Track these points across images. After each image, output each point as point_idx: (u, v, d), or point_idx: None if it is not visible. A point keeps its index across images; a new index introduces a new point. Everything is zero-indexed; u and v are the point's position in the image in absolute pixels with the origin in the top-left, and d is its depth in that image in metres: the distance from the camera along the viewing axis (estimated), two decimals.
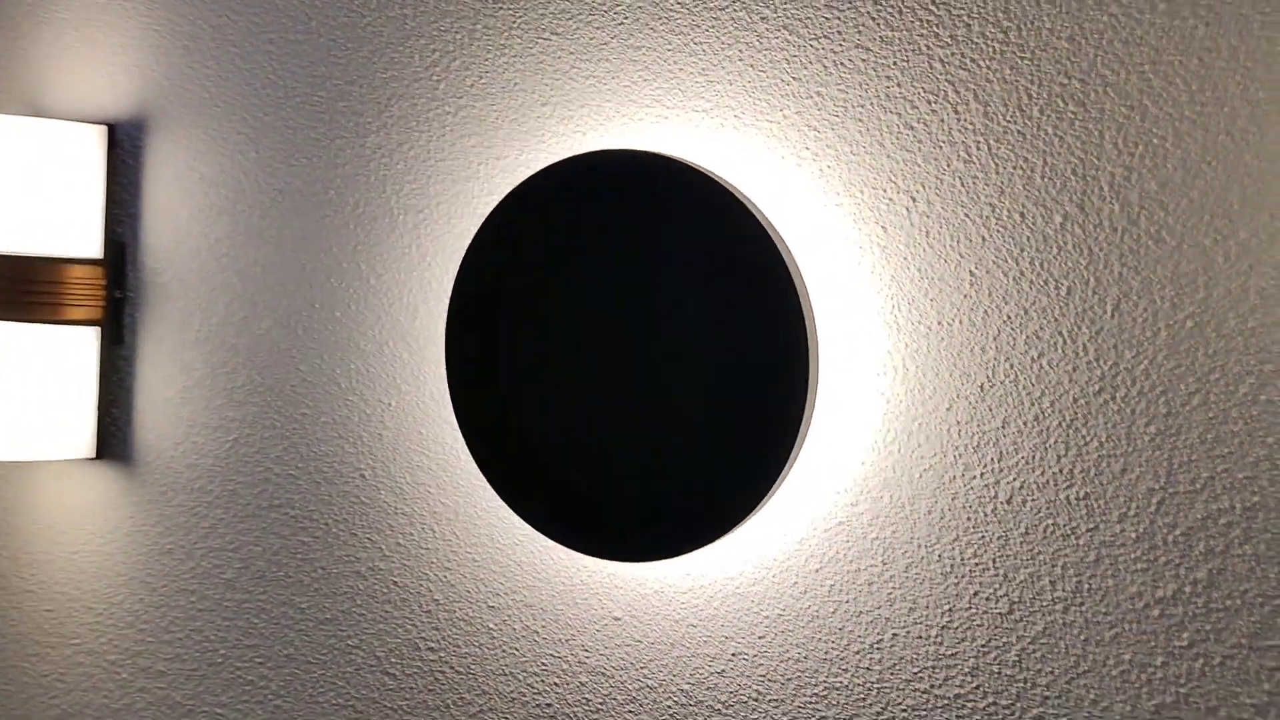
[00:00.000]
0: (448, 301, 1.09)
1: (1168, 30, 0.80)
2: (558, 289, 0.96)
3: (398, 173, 1.13)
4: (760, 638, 0.95)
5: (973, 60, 0.86)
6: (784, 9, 0.93)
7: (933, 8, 0.88)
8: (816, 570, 0.93)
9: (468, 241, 1.09)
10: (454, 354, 1.01)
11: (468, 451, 1.09)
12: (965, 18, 0.86)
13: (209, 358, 1.25)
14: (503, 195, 1.06)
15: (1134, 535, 0.82)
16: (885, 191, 0.90)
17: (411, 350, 1.12)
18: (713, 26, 0.96)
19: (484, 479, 1.08)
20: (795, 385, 0.87)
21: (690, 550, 0.91)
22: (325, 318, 1.18)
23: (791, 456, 0.88)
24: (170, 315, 1.28)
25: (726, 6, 0.95)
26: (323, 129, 1.17)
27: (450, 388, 1.01)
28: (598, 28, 1.02)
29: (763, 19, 0.94)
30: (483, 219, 1.07)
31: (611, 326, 0.94)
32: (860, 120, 0.90)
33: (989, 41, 0.86)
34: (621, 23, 1.00)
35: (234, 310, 1.24)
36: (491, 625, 1.08)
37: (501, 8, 1.07)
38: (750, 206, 0.89)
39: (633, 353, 0.93)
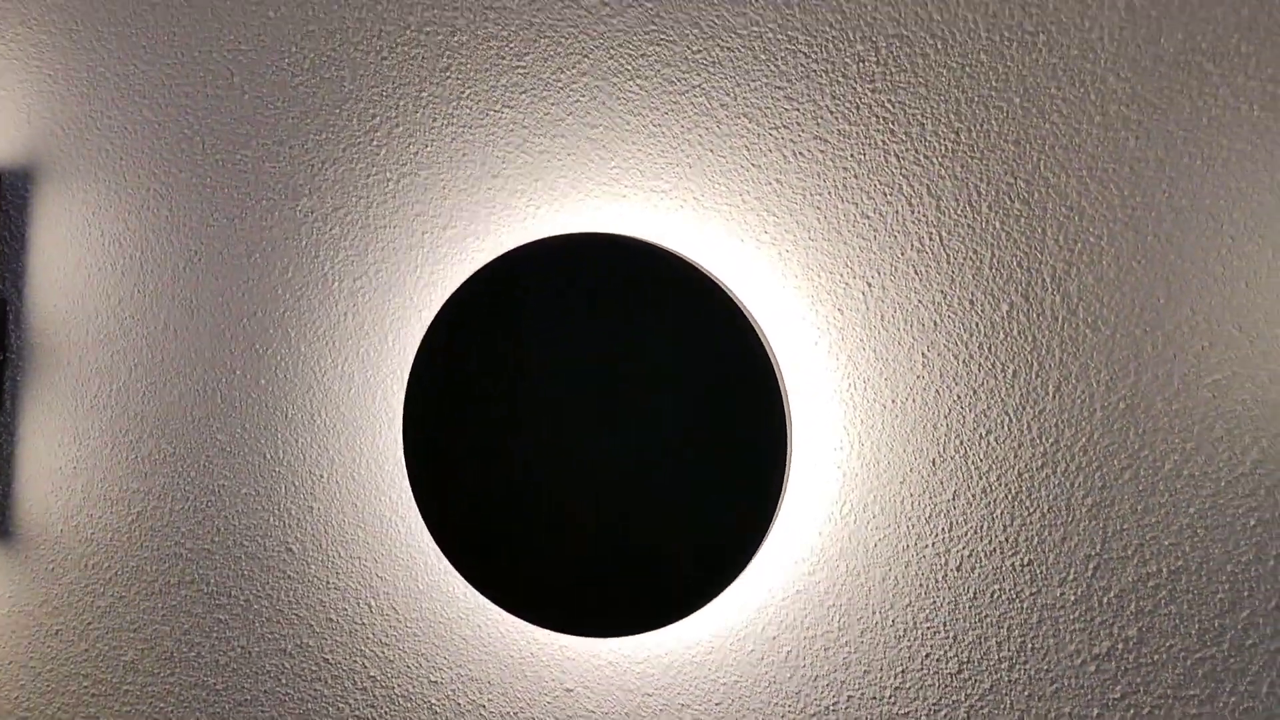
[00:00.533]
0: (391, 374, 1.07)
1: (1103, 141, 0.89)
2: (527, 370, 0.96)
3: (332, 238, 1.10)
4: (717, 704, 0.98)
5: (926, 157, 0.93)
6: (744, 98, 0.97)
7: (889, 106, 0.94)
8: (774, 638, 0.96)
9: (408, 310, 1.07)
10: (412, 429, 0.99)
11: (408, 525, 1.07)
12: (919, 117, 0.93)
13: (109, 425, 1.18)
14: (448, 265, 1.05)
15: (1073, 598, 0.90)
16: (842, 276, 0.94)
17: (346, 420, 1.09)
18: (672, 109, 0.99)
19: (427, 553, 1.06)
20: (773, 466, 0.90)
21: (674, 622, 0.93)
22: (248, 385, 1.13)
23: (768, 535, 0.91)
24: (62, 380, 1.20)
25: (686, 91, 0.98)
26: (246, 190, 1.13)
27: (408, 464, 0.99)
28: (553, 103, 1.02)
29: (723, 105, 0.97)
30: (428, 289, 1.06)
31: (585, 407, 0.95)
32: (818, 208, 0.95)
33: (942, 141, 0.92)
34: (578, 100, 1.02)
35: (139, 376, 1.17)
36: (434, 700, 1.06)
37: (449, 76, 1.06)
38: (733, 297, 0.92)
39: (607, 432, 0.94)
